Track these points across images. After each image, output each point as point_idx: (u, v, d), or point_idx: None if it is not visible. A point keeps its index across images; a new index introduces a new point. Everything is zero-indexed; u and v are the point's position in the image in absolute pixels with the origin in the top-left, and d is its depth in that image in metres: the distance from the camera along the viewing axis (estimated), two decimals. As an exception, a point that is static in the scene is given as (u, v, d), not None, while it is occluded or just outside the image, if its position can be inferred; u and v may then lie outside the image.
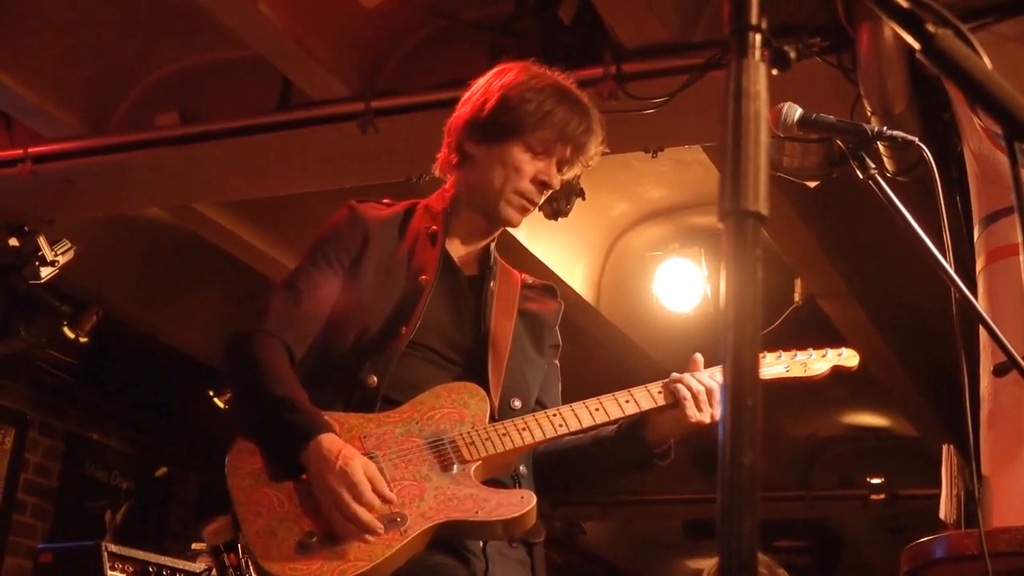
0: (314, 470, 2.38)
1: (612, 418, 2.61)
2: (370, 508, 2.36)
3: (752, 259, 1.11)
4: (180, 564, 4.92)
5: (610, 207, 6.73)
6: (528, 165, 2.67)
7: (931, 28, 1.21)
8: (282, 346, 2.57)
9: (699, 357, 2.72)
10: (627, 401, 2.62)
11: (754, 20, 1.17)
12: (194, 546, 4.76)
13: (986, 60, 1.21)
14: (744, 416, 1.07)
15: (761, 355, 2.80)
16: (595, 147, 2.74)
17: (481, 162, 2.72)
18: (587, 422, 2.59)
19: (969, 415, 2.78)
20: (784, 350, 2.89)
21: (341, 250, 2.68)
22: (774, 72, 1.23)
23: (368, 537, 2.34)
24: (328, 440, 2.40)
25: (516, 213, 2.73)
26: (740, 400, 1.07)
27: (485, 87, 2.75)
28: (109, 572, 4.54)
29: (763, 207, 1.12)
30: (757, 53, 1.16)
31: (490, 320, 2.70)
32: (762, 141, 1.13)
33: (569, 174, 2.77)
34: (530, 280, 2.90)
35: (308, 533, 2.33)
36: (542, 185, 2.69)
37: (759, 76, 1.16)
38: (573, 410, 2.60)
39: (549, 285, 2.96)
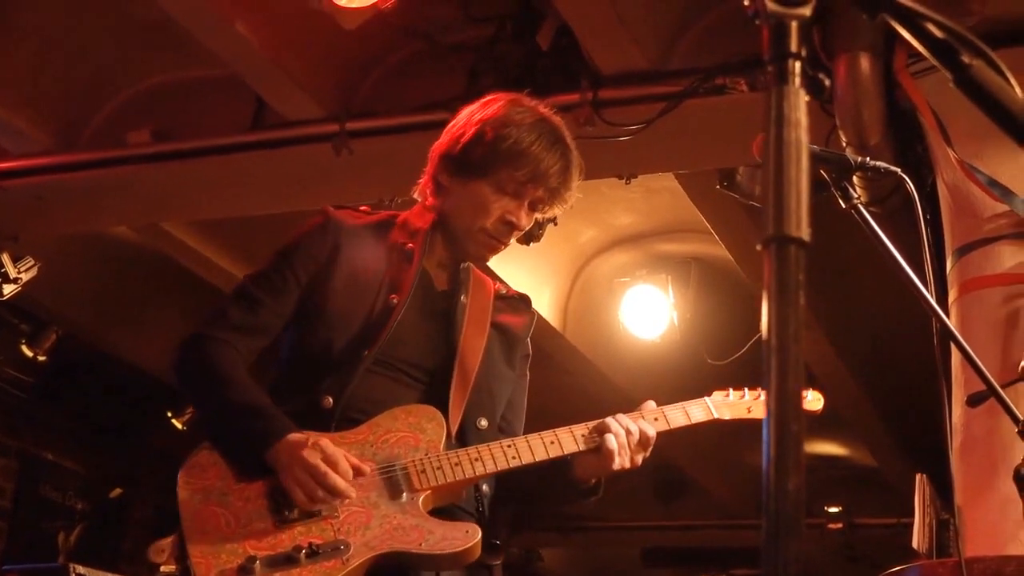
0: (284, 459, 2.40)
1: (566, 452, 2.60)
2: (345, 476, 2.40)
3: (795, 285, 1.11)
4: (147, 585, 4.85)
5: (578, 233, 6.74)
6: (495, 205, 2.67)
7: (966, 59, 1.23)
8: (235, 353, 2.58)
9: (647, 405, 2.73)
10: (583, 435, 2.62)
11: (794, 48, 1.18)
12: (163, 568, 4.69)
13: (1019, 91, 1.23)
14: (788, 442, 1.07)
15: (724, 393, 2.84)
16: (570, 189, 2.71)
17: (453, 196, 2.72)
18: (540, 455, 2.58)
19: (950, 445, 2.80)
20: (749, 388, 2.89)
21: (307, 259, 2.67)
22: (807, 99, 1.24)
23: (307, 564, 2.34)
24: (297, 437, 2.43)
25: (484, 251, 2.75)
26: (784, 426, 1.08)
27: (467, 118, 2.74)
28: (76, 593, 4.48)
29: (805, 233, 1.13)
30: (797, 80, 1.17)
31: (459, 337, 2.69)
32: (803, 167, 1.14)
33: (549, 213, 2.76)
34: (504, 290, 2.90)
35: (250, 558, 2.33)
36: (509, 225, 2.69)
37: (799, 103, 1.17)
38: (528, 442, 2.59)
39: (523, 296, 2.96)
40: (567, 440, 2.60)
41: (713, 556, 10.20)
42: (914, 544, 3.83)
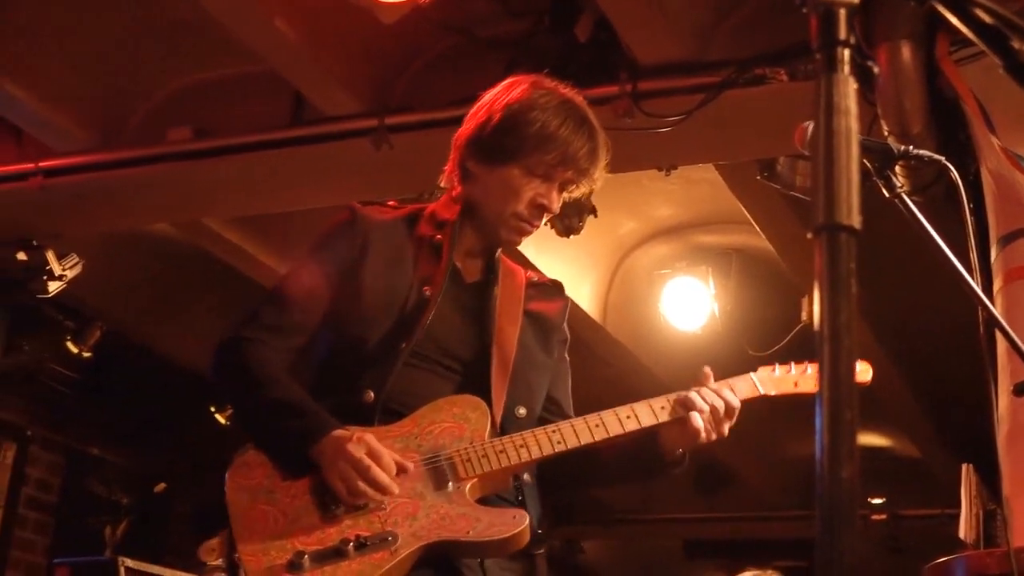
0: (329, 453, 2.41)
1: (612, 435, 2.59)
2: (388, 472, 2.39)
3: (846, 272, 1.11)
4: (195, 579, 4.90)
5: (618, 225, 6.74)
6: (527, 189, 2.66)
7: (1016, 44, 1.22)
8: (272, 353, 2.58)
9: (708, 370, 2.72)
10: (628, 417, 2.61)
11: (843, 35, 1.18)
12: (210, 562, 4.73)
13: (1071, 76, 1.22)
14: (842, 429, 1.07)
15: (770, 369, 2.82)
16: (599, 169, 2.71)
17: (481, 182, 2.71)
18: (586, 439, 2.58)
19: (997, 435, 2.79)
20: (795, 363, 2.87)
21: (337, 256, 2.67)
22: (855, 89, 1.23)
23: (357, 555, 2.35)
24: (343, 433, 2.44)
25: (515, 236, 2.73)
26: (838, 413, 1.07)
27: (491, 102, 2.73)
28: (125, 587, 4.53)
29: (856, 221, 1.13)
30: (846, 68, 1.17)
31: (494, 327, 2.69)
32: (853, 155, 1.14)
33: (576, 193, 2.76)
34: (535, 278, 2.89)
35: (298, 552, 2.34)
36: (540, 208, 2.68)
37: (849, 91, 1.16)
38: (573, 426, 2.59)
39: (555, 282, 2.94)
40: (612, 423, 2.60)
41: (754, 548, 10.18)
42: (961, 535, 3.80)
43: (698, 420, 2.58)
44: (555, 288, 2.93)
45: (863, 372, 2.91)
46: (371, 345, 2.59)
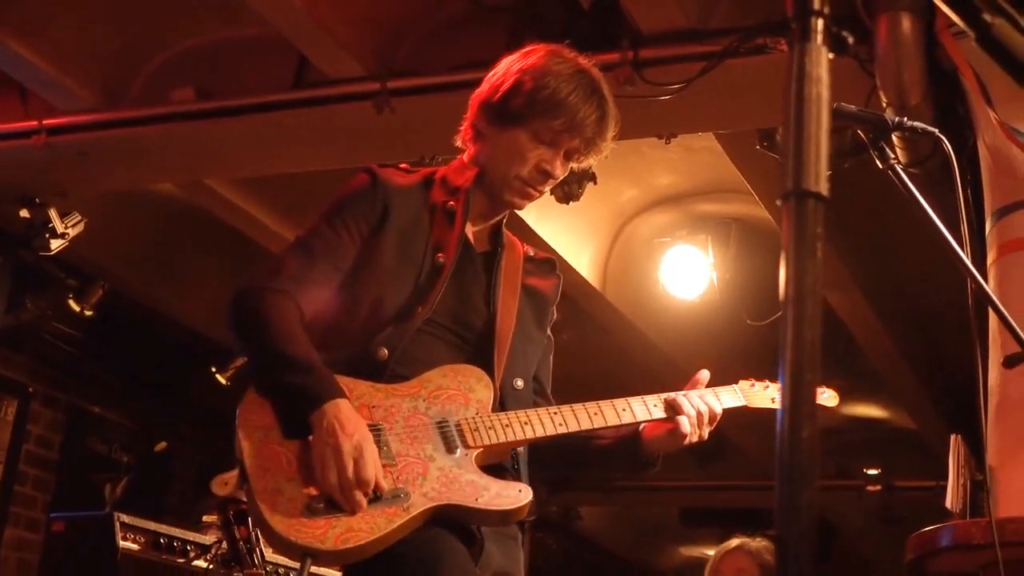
0: (322, 432, 2.39)
1: (608, 424, 2.68)
2: (366, 486, 2.38)
3: (813, 238, 1.14)
4: (191, 536, 4.94)
5: (618, 193, 6.75)
6: (532, 153, 2.68)
7: (987, 17, 1.24)
8: (293, 305, 2.58)
9: (704, 376, 2.83)
10: (623, 410, 2.70)
11: (816, 5, 1.20)
12: (205, 518, 4.79)
13: (1041, 50, 1.24)
14: (803, 391, 1.10)
15: (750, 383, 2.90)
16: (605, 140, 2.73)
17: (490, 144, 2.74)
18: (585, 425, 2.66)
19: (983, 406, 2.81)
20: (771, 380, 2.96)
21: (360, 217, 2.68)
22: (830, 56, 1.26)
23: (366, 508, 2.36)
24: (344, 406, 2.42)
25: (518, 199, 2.76)
26: (799, 375, 1.10)
27: (507, 67, 2.76)
28: (121, 542, 4.57)
29: (823, 188, 1.15)
30: (819, 37, 1.19)
31: (498, 299, 2.73)
32: (823, 123, 1.17)
33: (584, 163, 2.79)
34: (532, 252, 2.93)
35: (315, 497, 2.36)
36: (544, 174, 2.71)
37: (821, 59, 1.19)
38: (573, 411, 2.66)
39: (549, 259, 2.98)
40: (609, 413, 2.68)
41: (750, 516, 10.23)
42: (948, 504, 3.83)
43: (685, 424, 2.70)
44: (550, 265, 2.97)
45: (830, 399, 3.02)
46: (389, 306, 2.62)
